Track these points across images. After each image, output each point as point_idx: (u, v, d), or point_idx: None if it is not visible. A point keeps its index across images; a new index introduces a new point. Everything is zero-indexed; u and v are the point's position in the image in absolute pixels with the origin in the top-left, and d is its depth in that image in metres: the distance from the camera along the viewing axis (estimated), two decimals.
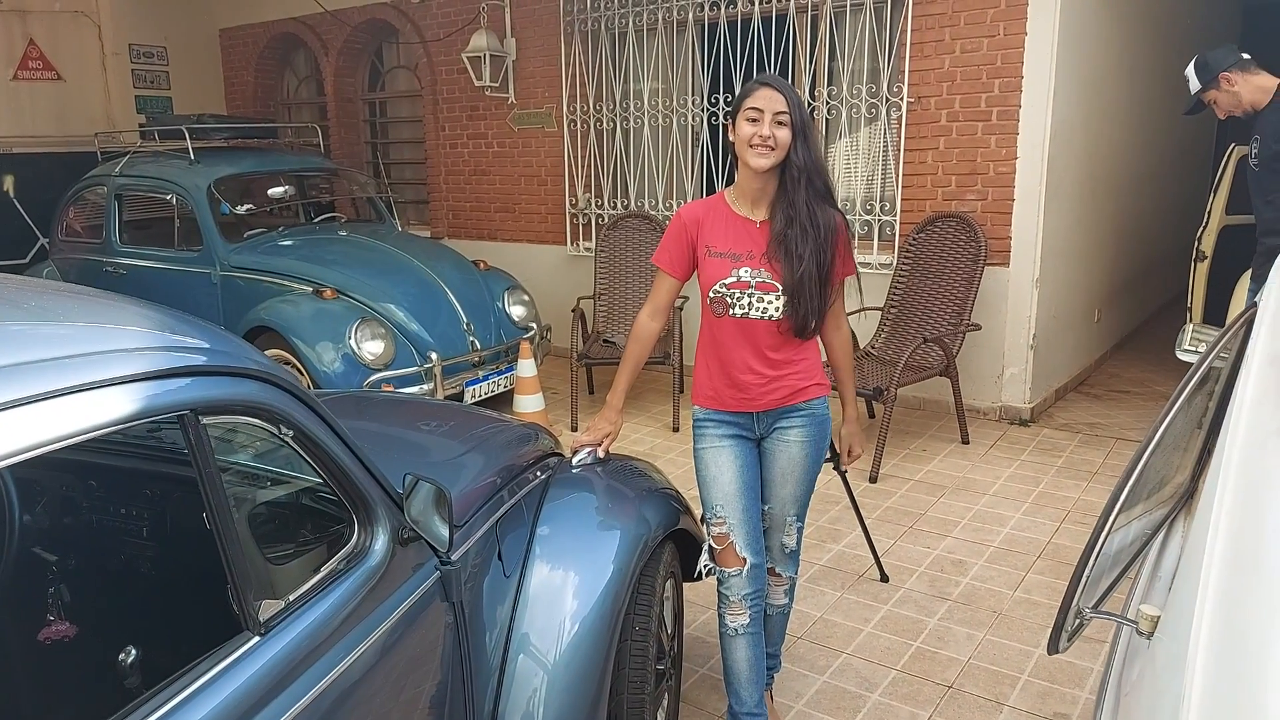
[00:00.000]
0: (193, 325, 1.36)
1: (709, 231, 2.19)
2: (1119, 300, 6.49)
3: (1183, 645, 0.89)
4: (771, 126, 2.05)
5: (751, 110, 2.06)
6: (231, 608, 1.25)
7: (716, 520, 2.24)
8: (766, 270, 2.13)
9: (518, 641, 1.97)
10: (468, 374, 4.97)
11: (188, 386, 1.19)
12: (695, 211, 2.22)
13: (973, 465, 4.49)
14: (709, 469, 2.26)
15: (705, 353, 2.27)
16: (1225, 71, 3.71)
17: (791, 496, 2.31)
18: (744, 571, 2.24)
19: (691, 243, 2.21)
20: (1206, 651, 0.86)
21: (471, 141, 7.16)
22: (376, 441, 2.14)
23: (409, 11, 7.21)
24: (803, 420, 2.25)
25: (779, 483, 2.30)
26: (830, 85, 5.37)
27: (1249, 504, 0.93)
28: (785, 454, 2.27)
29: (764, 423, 2.27)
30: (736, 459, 2.24)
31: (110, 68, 8.30)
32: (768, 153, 2.06)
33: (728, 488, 2.23)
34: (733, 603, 2.27)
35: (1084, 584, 1.05)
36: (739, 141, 2.09)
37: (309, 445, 1.38)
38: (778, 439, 2.27)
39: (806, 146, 2.09)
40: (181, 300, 5.36)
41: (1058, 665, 2.82)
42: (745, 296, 2.14)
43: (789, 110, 2.05)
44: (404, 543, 1.56)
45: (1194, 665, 0.86)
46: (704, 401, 2.28)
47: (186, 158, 5.54)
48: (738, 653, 2.31)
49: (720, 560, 2.26)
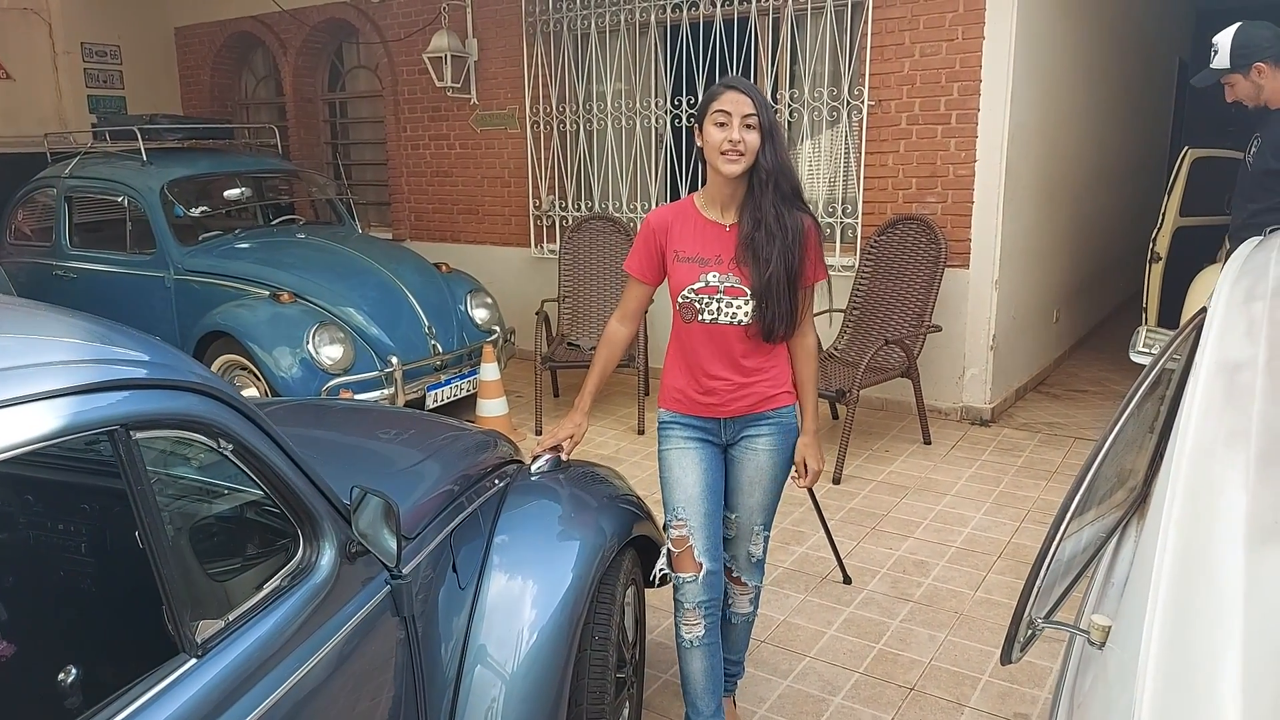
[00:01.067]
0: (127, 336, 1.31)
1: (677, 236, 2.17)
2: (1077, 301, 6.58)
3: (1133, 655, 0.89)
4: (740, 130, 2.02)
5: (719, 114, 2.03)
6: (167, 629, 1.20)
7: (677, 522, 2.21)
8: (735, 274, 2.10)
9: (475, 653, 1.93)
10: (430, 378, 4.91)
11: (117, 401, 1.15)
12: (664, 216, 2.20)
13: (934, 466, 4.52)
14: (672, 471, 2.23)
15: (674, 357, 2.25)
16: (1260, 61, 3.39)
17: (759, 505, 2.28)
18: (700, 578, 2.21)
19: (660, 248, 2.19)
20: (1156, 662, 0.86)
21: (434, 143, 7.09)
22: (329, 451, 2.09)
23: (369, 11, 7.12)
24: (770, 429, 2.23)
25: (746, 491, 2.27)
26: (792, 88, 5.38)
27: (1198, 512, 0.92)
28: (753, 462, 2.24)
29: (731, 429, 2.24)
30: (701, 462, 2.22)
31: (61, 67, 8.10)
32: (738, 159, 2.04)
33: (690, 490, 2.20)
34: (688, 610, 2.23)
35: (1035, 594, 1.05)
36: (709, 148, 2.06)
37: (250, 459, 1.34)
38: (745, 447, 2.24)
39: (774, 148, 2.06)
40: (135, 305, 5.25)
41: (1018, 666, 2.83)
42: (714, 301, 2.12)
43: (756, 112, 2.03)
44: (352, 557, 1.52)
45: (1144, 676, 0.85)
46: (671, 405, 2.26)
47: (139, 159, 5.42)
48: (694, 664, 2.28)
49: (677, 565, 2.23)
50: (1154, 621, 0.88)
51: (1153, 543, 0.93)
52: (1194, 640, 0.84)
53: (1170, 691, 0.82)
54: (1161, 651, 0.86)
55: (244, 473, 1.35)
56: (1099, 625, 1.01)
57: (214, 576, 1.41)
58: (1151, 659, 0.86)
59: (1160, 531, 0.92)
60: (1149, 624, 0.88)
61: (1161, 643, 0.86)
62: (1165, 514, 0.93)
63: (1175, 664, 0.84)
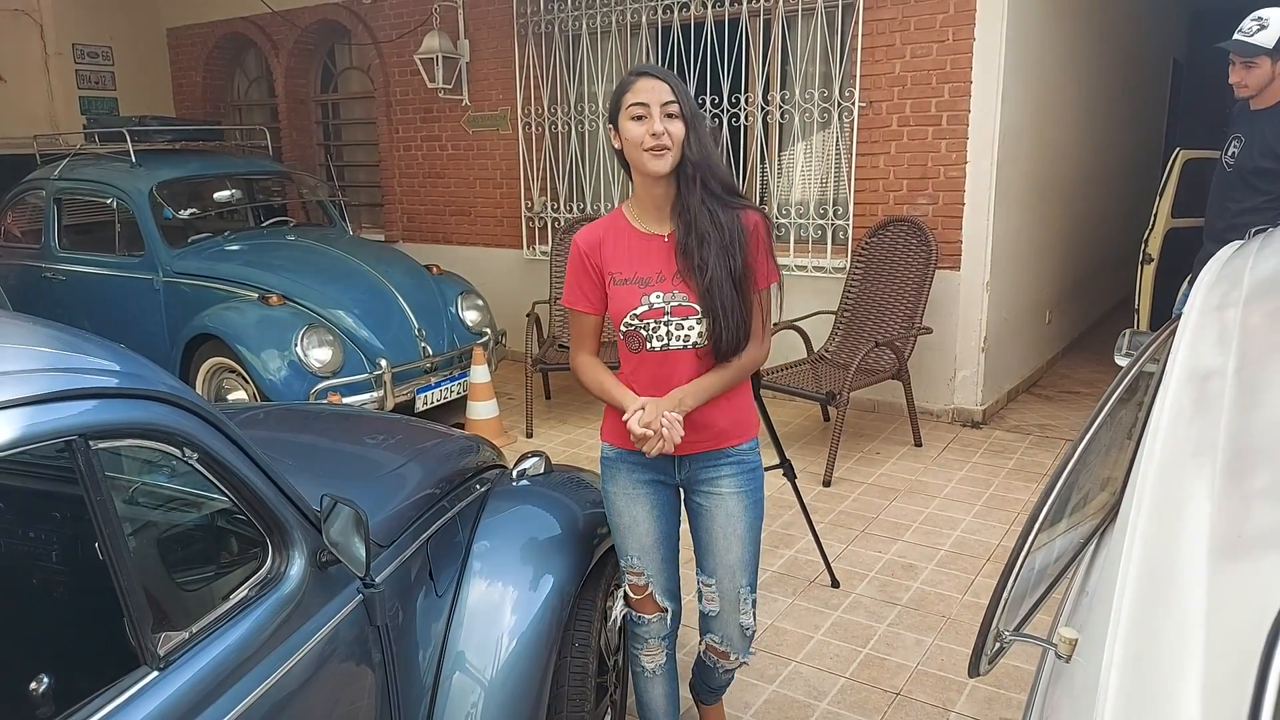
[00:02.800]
0: (91, 345, 1.29)
1: (611, 256, 1.91)
2: (1069, 302, 6.57)
3: (1097, 669, 0.88)
4: (662, 120, 1.78)
5: (635, 106, 1.79)
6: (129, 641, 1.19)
7: (634, 570, 2.06)
8: (681, 291, 1.85)
9: (453, 659, 1.92)
10: (419, 380, 4.89)
11: (76, 411, 1.13)
12: (593, 235, 1.93)
13: (925, 468, 4.51)
14: (623, 518, 2.03)
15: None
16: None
17: (739, 563, 2.01)
18: (665, 618, 2.14)
19: (597, 270, 1.92)
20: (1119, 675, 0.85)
21: (425, 144, 7.08)
22: (306, 457, 2.08)
23: (361, 12, 7.11)
24: (732, 469, 1.97)
25: (721, 547, 2.00)
26: (783, 90, 5.37)
27: (1162, 524, 0.91)
28: (721, 510, 1.98)
29: (685, 468, 1.99)
30: (653, 510, 2.02)
31: (53, 68, 8.07)
32: (664, 153, 1.79)
33: (644, 540, 2.03)
34: (650, 644, 2.15)
35: (1003, 606, 1.04)
36: (629, 146, 1.81)
37: (216, 469, 1.33)
38: (708, 493, 1.99)
39: (699, 139, 1.82)
40: (123, 307, 5.23)
41: (1004, 671, 2.82)
42: (662, 326, 1.86)
43: (677, 99, 1.79)
44: (323, 566, 1.50)
45: (1106, 689, 0.84)
46: (617, 440, 1.99)
47: (128, 161, 5.40)
48: (654, 690, 2.19)
49: (638, 607, 2.12)
50: (1117, 635, 0.87)
51: (1117, 556, 0.92)
52: (1156, 654, 0.83)
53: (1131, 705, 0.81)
54: (1124, 665, 0.85)
55: (210, 482, 1.34)
56: (1066, 638, 1.00)
57: (180, 587, 1.39)
58: (1114, 672, 0.85)
59: (1125, 544, 0.91)
60: (1112, 637, 0.87)
61: (1124, 656, 0.85)
62: (1130, 526, 0.92)
63: (1137, 678, 0.83)
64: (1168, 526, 0.90)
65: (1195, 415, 0.97)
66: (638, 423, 1.81)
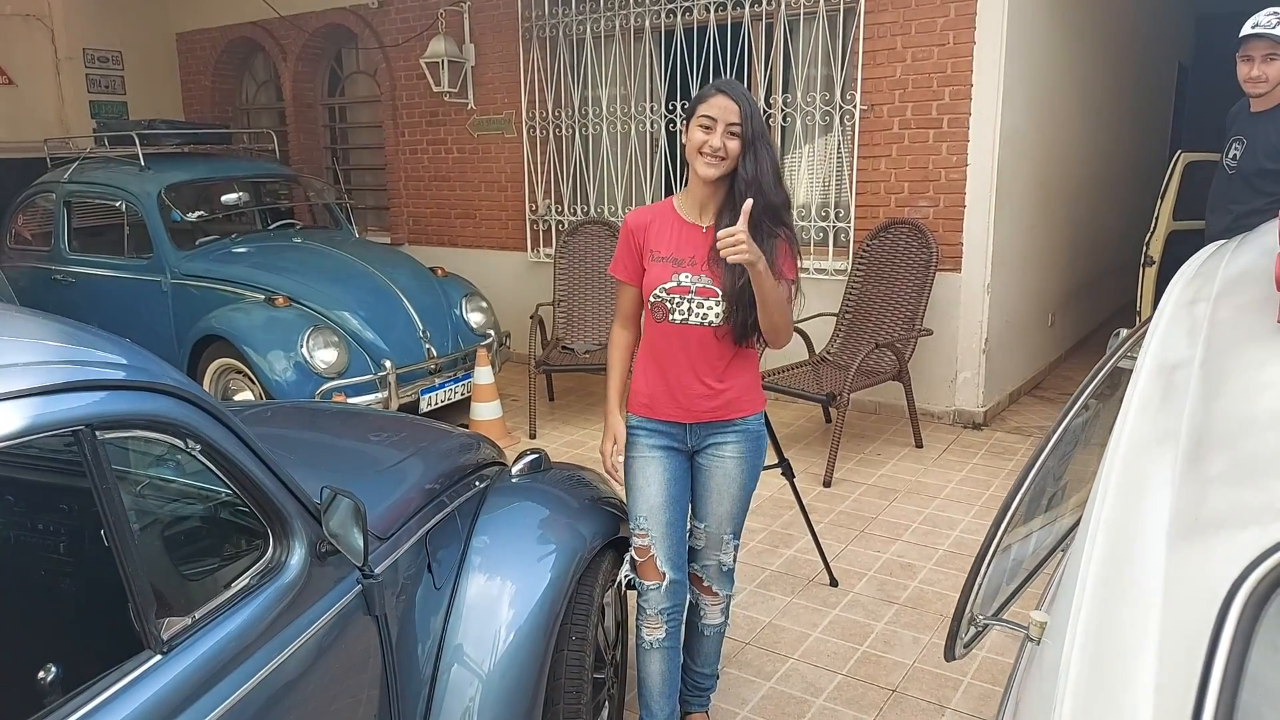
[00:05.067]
0: (98, 338, 1.34)
1: (654, 236, 2.16)
2: (1073, 305, 6.58)
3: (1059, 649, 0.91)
4: (723, 138, 2.01)
5: (705, 118, 2.02)
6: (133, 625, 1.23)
7: (639, 532, 2.22)
8: (707, 275, 2.09)
9: (451, 652, 1.96)
10: (424, 382, 4.94)
11: (83, 402, 1.17)
12: (642, 217, 2.20)
13: (925, 469, 4.53)
14: (636, 479, 2.22)
15: (644, 359, 2.23)
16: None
17: (727, 514, 2.26)
18: (663, 586, 2.23)
19: (639, 248, 2.18)
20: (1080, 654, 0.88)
21: (431, 147, 7.13)
22: (307, 451, 2.12)
23: (367, 17, 7.17)
24: (737, 436, 2.21)
25: (714, 500, 2.25)
26: (785, 93, 5.41)
27: (1125, 510, 0.94)
28: (720, 470, 2.22)
29: (697, 435, 2.22)
30: (665, 471, 2.21)
31: (64, 72, 8.16)
32: (717, 163, 2.03)
33: (653, 500, 2.20)
34: (650, 616, 2.25)
35: (975, 592, 1.07)
36: (690, 147, 2.06)
37: (219, 460, 1.37)
38: (712, 455, 2.22)
39: (755, 160, 2.02)
40: (132, 309, 5.29)
41: (1001, 668, 2.85)
42: (685, 301, 2.11)
43: (741, 122, 2.00)
44: (323, 557, 1.54)
45: (1067, 668, 0.87)
46: (638, 409, 2.24)
47: (137, 164, 5.46)
48: (651, 666, 2.30)
49: (640, 573, 2.24)
50: (1079, 616, 0.90)
51: (1082, 540, 0.95)
52: (1114, 632, 0.86)
53: (1090, 683, 0.84)
54: (1084, 644, 0.88)
55: (213, 473, 1.38)
56: (1037, 621, 1.03)
57: (183, 575, 1.43)
58: (1075, 652, 0.88)
59: (1090, 529, 0.94)
60: (1074, 619, 0.90)
61: (1085, 635, 0.89)
62: (1095, 512, 0.95)
63: (1096, 656, 0.86)
64: (1130, 511, 0.94)
65: (1161, 405, 1.00)
66: (607, 457, 2.25)
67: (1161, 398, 1.00)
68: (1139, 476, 0.95)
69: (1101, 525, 0.93)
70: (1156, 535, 0.88)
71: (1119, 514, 0.93)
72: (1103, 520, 0.94)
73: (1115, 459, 0.99)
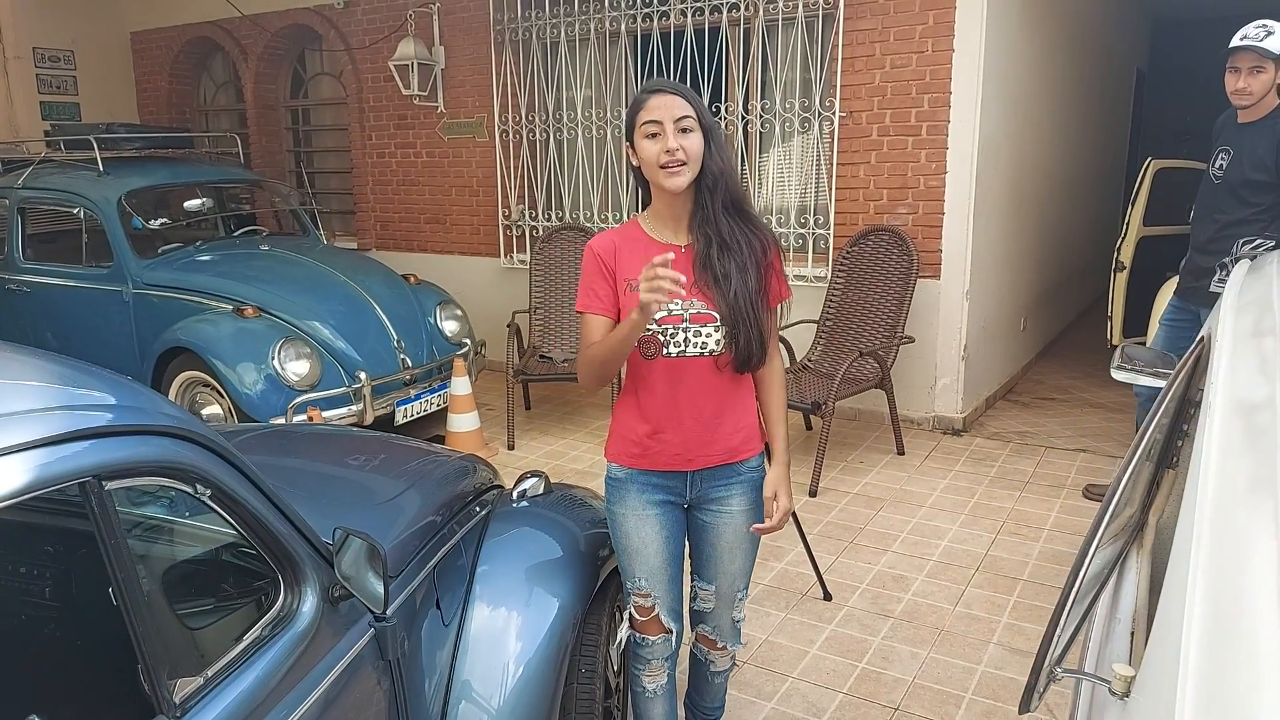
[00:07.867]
0: (96, 378, 1.24)
1: (626, 263, 1.88)
2: (1042, 308, 6.65)
3: (1164, 709, 0.87)
4: (676, 136, 1.76)
5: (648, 124, 1.78)
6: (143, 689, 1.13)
7: (640, 592, 2.03)
8: (699, 299, 1.85)
9: (459, 688, 1.88)
10: (399, 393, 4.81)
11: (90, 450, 1.08)
12: (607, 240, 1.92)
13: (909, 477, 4.53)
14: (631, 539, 1.99)
15: (629, 402, 1.96)
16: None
17: (740, 570, 2.08)
18: (668, 639, 2.11)
19: (613, 273, 1.89)
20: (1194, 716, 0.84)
21: (400, 151, 6.99)
22: (305, 484, 2.02)
23: (332, 18, 7.01)
24: (742, 486, 2.00)
25: (725, 560, 2.04)
26: (763, 98, 5.38)
27: (1225, 562, 0.90)
28: (730, 527, 2.00)
29: (697, 486, 1.98)
30: (663, 530, 1.98)
31: (12, 72, 7.87)
32: (681, 169, 1.77)
33: (653, 561, 1.99)
34: (653, 664, 2.12)
35: (1054, 642, 1.02)
36: (646, 165, 1.80)
37: (228, 504, 1.28)
38: (717, 510, 2.00)
39: (719, 148, 1.82)
40: (92, 320, 5.09)
41: (1000, 682, 2.83)
42: (680, 332, 1.85)
43: (693, 113, 1.78)
44: (334, 601, 1.46)
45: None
46: (628, 460, 1.96)
47: (95, 169, 5.26)
48: (655, 711, 2.16)
49: (642, 629, 2.09)
50: (1188, 676, 0.86)
51: (1177, 590, 0.91)
52: (1228, 696, 0.82)
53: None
54: (1198, 707, 0.84)
55: (223, 518, 1.29)
56: (1121, 675, 0.99)
57: (192, 628, 1.34)
58: (1188, 713, 0.84)
59: (1188, 582, 0.89)
60: (1182, 680, 0.86)
61: (1197, 698, 0.84)
62: (1192, 563, 0.91)
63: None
64: (1231, 564, 0.90)
65: (1246, 449, 0.97)
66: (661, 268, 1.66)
67: (1244, 441, 0.97)
68: (1234, 527, 0.91)
69: (1201, 580, 0.89)
70: (1267, 593, 0.84)
71: (1220, 567, 0.89)
72: (1201, 572, 0.90)
73: (1203, 507, 0.95)
